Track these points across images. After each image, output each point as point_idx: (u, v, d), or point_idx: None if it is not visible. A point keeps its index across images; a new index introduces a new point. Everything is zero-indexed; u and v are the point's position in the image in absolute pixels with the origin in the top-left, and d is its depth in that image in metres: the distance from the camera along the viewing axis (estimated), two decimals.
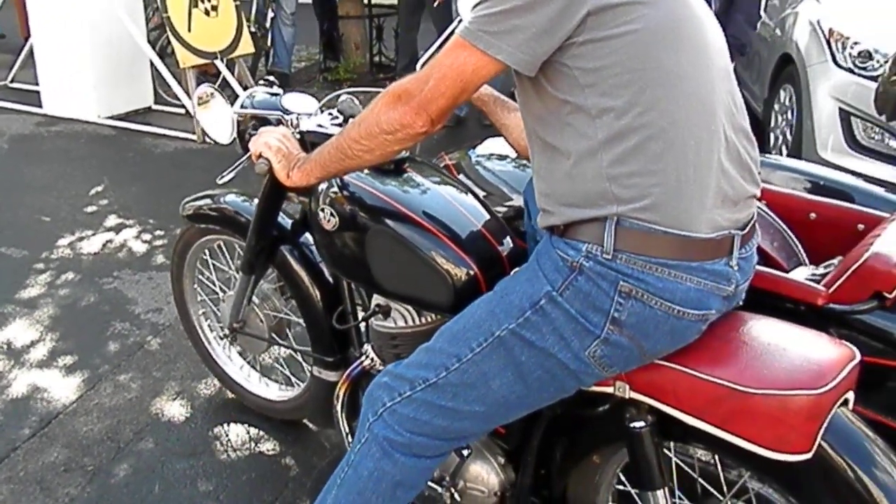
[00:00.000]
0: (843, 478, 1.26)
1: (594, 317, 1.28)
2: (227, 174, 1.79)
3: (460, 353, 1.40)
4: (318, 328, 2.14)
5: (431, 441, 1.47)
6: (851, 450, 1.26)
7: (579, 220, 1.29)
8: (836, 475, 1.26)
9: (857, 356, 1.28)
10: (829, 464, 1.26)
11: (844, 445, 1.26)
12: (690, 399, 1.30)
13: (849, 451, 1.26)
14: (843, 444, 1.26)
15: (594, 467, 1.59)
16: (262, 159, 1.65)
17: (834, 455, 1.26)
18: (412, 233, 1.67)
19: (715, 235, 1.28)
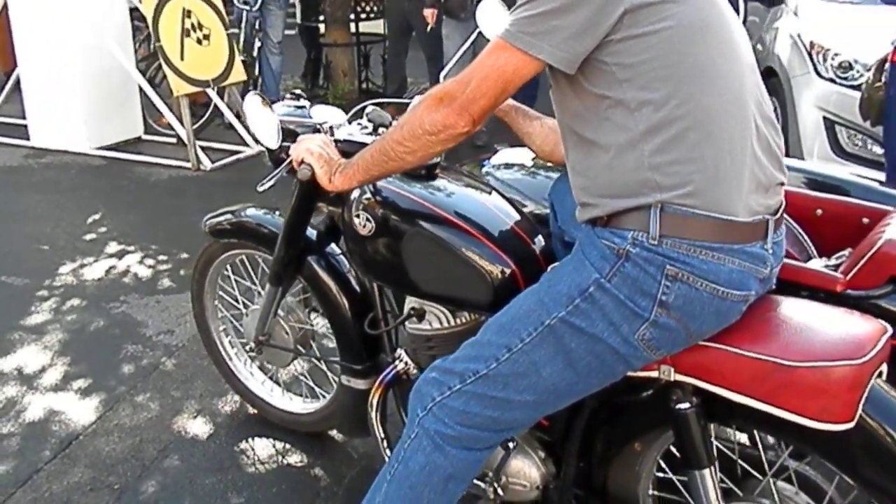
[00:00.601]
0: (885, 446, 1.32)
1: (642, 301, 1.34)
2: (267, 182, 1.83)
3: (510, 344, 1.46)
4: (347, 336, 2.18)
5: (482, 433, 1.52)
6: (891, 419, 1.33)
7: (623, 209, 1.36)
8: (878, 444, 1.32)
9: (889, 330, 1.35)
10: (870, 433, 1.32)
11: (884, 415, 1.33)
12: (736, 376, 1.36)
13: (889, 420, 1.32)
14: (883, 414, 1.33)
15: (636, 455, 1.64)
16: (304, 165, 1.70)
17: (874, 424, 1.32)
18: (449, 233, 1.73)
19: (752, 219, 1.35)
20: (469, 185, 1.89)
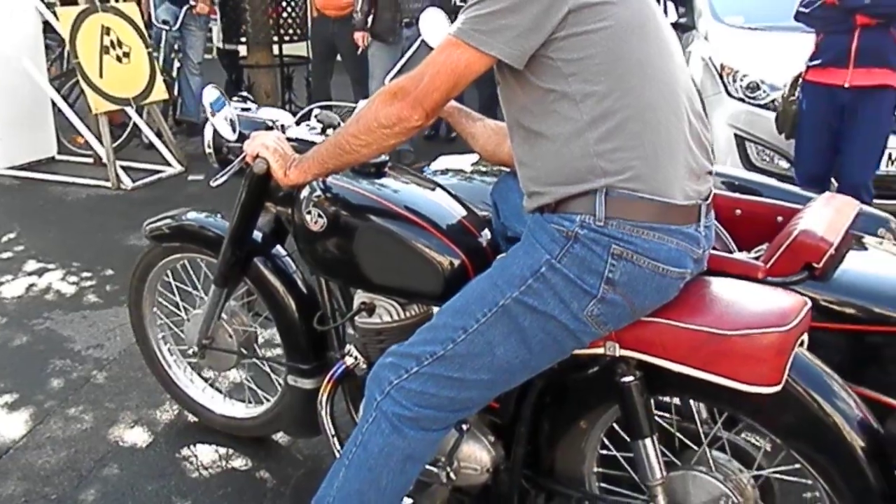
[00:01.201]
0: (808, 408, 1.45)
1: (590, 279, 1.45)
2: (220, 177, 1.86)
3: (466, 325, 1.53)
4: (294, 336, 2.21)
5: (438, 413, 1.58)
6: (814, 383, 1.46)
7: (571, 195, 1.46)
8: (802, 406, 1.46)
9: (808, 302, 1.49)
10: (796, 397, 1.46)
11: (808, 380, 1.46)
12: (675, 347, 1.48)
13: (812, 385, 1.46)
14: (807, 379, 1.46)
15: (581, 433, 1.74)
16: (259, 159, 1.74)
17: (800, 389, 1.46)
18: (399, 226, 1.80)
19: (687, 203, 1.47)
20: (416, 182, 1.97)
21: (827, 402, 1.45)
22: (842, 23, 3.34)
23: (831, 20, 3.38)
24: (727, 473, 1.62)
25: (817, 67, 3.47)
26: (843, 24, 3.34)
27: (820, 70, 3.45)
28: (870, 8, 3.27)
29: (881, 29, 3.30)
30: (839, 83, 3.37)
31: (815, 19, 3.46)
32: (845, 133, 3.44)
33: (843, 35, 3.34)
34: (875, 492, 1.42)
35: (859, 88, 3.35)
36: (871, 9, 3.27)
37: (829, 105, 3.41)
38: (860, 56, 3.32)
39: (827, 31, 3.43)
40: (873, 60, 3.31)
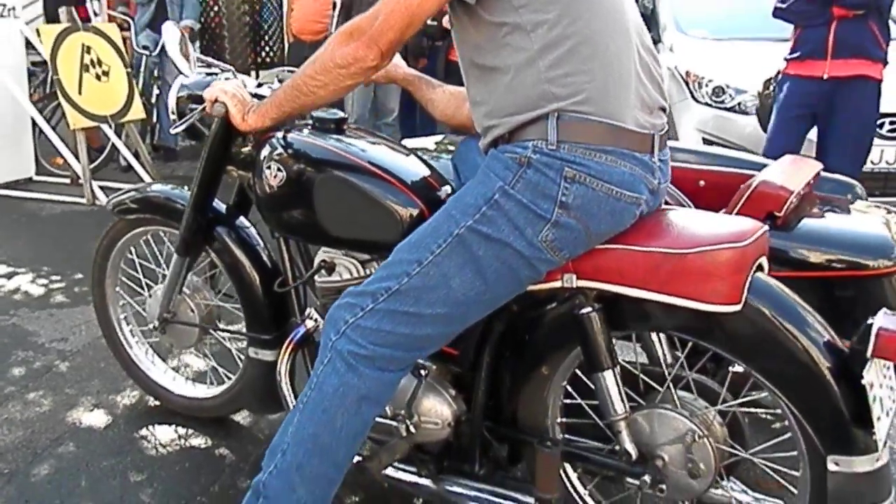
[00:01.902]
0: (770, 328, 1.43)
1: (544, 203, 1.43)
2: (180, 125, 1.85)
3: (421, 258, 1.51)
4: (256, 305, 2.17)
5: (395, 352, 1.54)
6: (776, 305, 1.44)
7: (523, 122, 1.45)
8: (766, 328, 1.43)
9: (765, 226, 1.48)
10: (759, 318, 1.43)
11: (769, 301, 1.44)
12: (632, 272, 1.45)
13: (774, 306, 1.43)
14: (769, 301, 1.44)
15: (543, 380, 1.70)
16: (217, 103, 1.73)
17: (762, 310, 1.43)
18: (359, 177, 1.78)
19: (639, 130, 1.47)
20: (376, 139, 1.96)
21: (790, 322, 1.43)
22: (819, 16, 3.38)
23: (809, 13, 3.42)
24: (693, 410, 1.58)
25: (795, 60, 3.50)
26: (821, 17, 3.38)
27: (798, 63, 3.48)
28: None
29: (859, 20, 3.34)
30: (818, 74, 3.40)
31: (793, 14, 3.50)
32: (829, 126, 3.45)
33: (821, 27, 3.38)
34: (844, 410, 1.39)
35: (838, 79, 3.37)
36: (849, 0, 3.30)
37: (807, 95, 3.44)
38: (838, 48, 3.35)
39: (805, 25, 3.47)
40: (851, 51, 3.35)
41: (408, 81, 2.11)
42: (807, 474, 1.48)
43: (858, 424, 1.39)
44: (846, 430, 1.40)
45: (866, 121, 3.41)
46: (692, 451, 1.55)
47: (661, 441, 1.58)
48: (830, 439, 1.41)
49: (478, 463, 1.77)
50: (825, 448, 1.42)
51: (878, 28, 3.38)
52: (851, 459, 1.40)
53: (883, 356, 1.36)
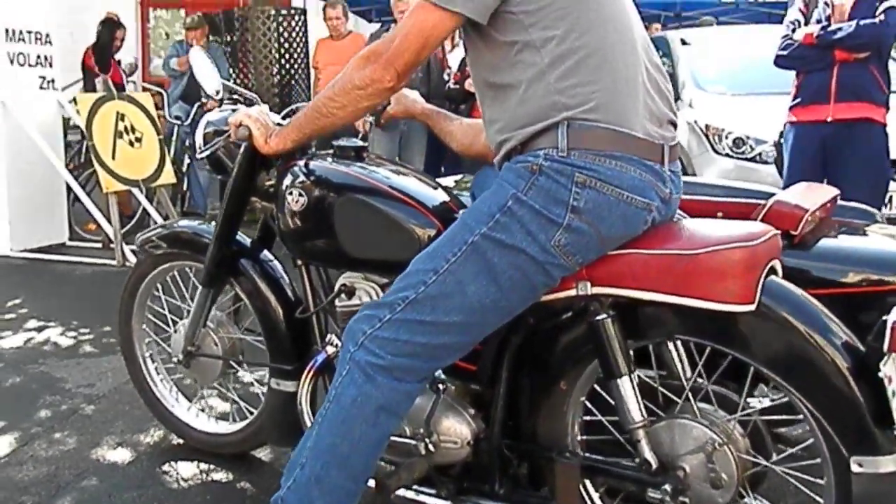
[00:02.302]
0: (789, 331, 1.43)
1: (556, 209, 1.47)
2: (206, 150, 1.92)
3: (437, 266, 1.54)
4: (278, 336, 2.20)
5: (413, 361, 1.56)
6: (791, 306, 1.45)
7: (535, 133, 1.50)
8: (782, 329, 1.44)
9: (777, 230, 1.50)
10: (775, 319, 1.44)
11: (785, 303, 1.45)
12: (645, 275, 1.48)
13: (789, 308, 1.44)
14: (784, 302, 1.45)
15: (561, 396, 1.69)
16: (241, 127, 1.80)
17: (777, 311, 1.44)
18: (382, 201, 1.83)
19: (648, 139, 1.51)
20: (396, 167, 2.02)
21: (806, 323, 1.43)
22: (821, 60, 3.45)
23: (811, 59, 3.49)
24: (712, 420, 1.57)
25: (799, 107, 3.56)
26: (822, 62, 3.44)
27: (802, 108, 3.54)
28: (848, 41, 3.36)
29: (860, 64, 3.40)
30: (822, 118, 3.44)
31: (795, 60, 3.57)
32: (840, 170, 3.45)
33: (823, 72, 3.44)
34: (865, 409, 1.38)
35: (843, 122, 3.41)
36: (850, 41, 3.36)
37: (813, 139, 3.47)
38: (840, 91, 3.40)
39: (807, 71, 3.53)
40: (854, 95, 3.40)
41: (426, 115, 2.18)
42: (831, 480, 1.45)
43: (880, 423, 1.38)
44: (868, 430, 1.38)
45: (877, 164, 3.41)
46: (713, 461, 1.53)
47: (682, 451, 1.56)
48: (852, 440, 1.40)
49: (497, 482, 1.75)
50: (847, 449, 1.40)
51: (878, 72, 3.44)
52: (875, 460, 1.38)
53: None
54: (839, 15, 3.46)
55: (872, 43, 3.39)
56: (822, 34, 3.44)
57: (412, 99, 2.16)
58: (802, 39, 3.50)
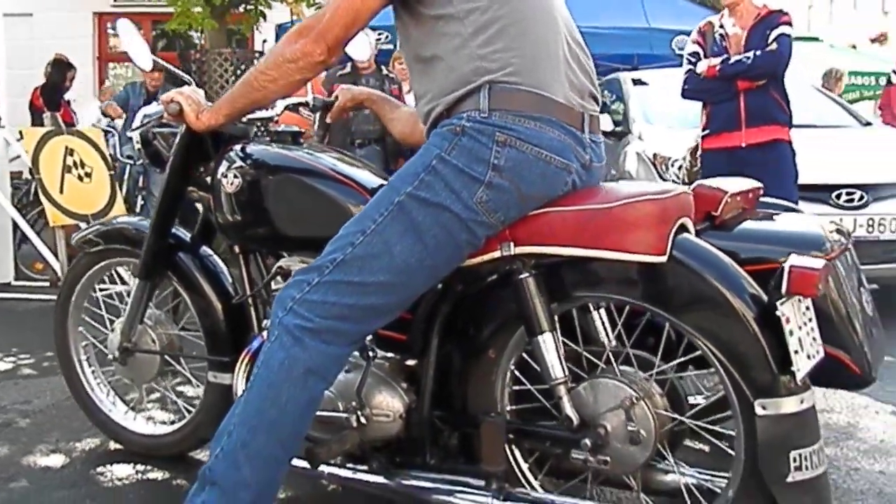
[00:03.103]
0: (700, 283, 1.50)
1: (478, 167, 1.53)
2: (137, 128, 1.95)
3: (364, 227, 1.59)
4: (215, 328, 2.20)
5: (341, 324, 1.59)
6: (702, 259, 1.52)
7: (459, 97, 1.58)
8: (693, 281, 1.51)
9: (687, 188, 1.58)
10: (686, 272, 1.51)
11: (695, 257, 1.52)
12: (563, 231, 1.54)
13: (700, 261, 1.52)
14: (695, 256, 1.52)
15: (490, 364, 1.73)
16: (172, 103, 1.84)
17: (689, 264, 1.51)
18: (317, 180, 1.89)
19: (568, 104, 1.59)
20: (333, 152, 2.08)
21: (715, 275, 1.50)
22: (726, 91, 3.65)
23: (716, 90, 3.69)
24: (631, 379, 1.61)
25: (711, 136, 3.74)
26: (728, 92, 3.65)
27: (715, 137, 3.71)
28: (748, 72, 3.58)
29: (762, 90, 3.61)
30: (737, 144, 3.62)
31: (701, 92, 3.77)
32: None
33: (730, 102, 3.64)
34: (768, 353, 1.45)
35: (755, 146, 3.59)
36: (750, 72, 3.58)
37: (730, 164, 3.59)
38: (749, 117, 3.60)
39: (714, 101, 3.73)
40: (761, 119, 3.59)
41: (372, 101, 2.24)
42: (740, 428, 1.51)
43: (782, 367, 1.45)
44: (770, 374, 1.45)
45: (787, 183, 3.54)
46: (632, 417, 1.57)
47: (602, 409, 1.60)
48: (756, 384, 1.46)
49: (429, 454, 1.77)
50: (752, 393, 1.46)
51: (778, 94, 3.65)
52: (777, 401, 1.45)
53: (797, 291, 1.43)
54: (735, 45, 3.68)
55: (770, 72, 3.60)
56: (722, 67, 3.65)
57: (357, 89, 2.24)
58: (706, 72, 3.70)
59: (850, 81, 12.18)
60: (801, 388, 1.46)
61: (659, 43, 8.07)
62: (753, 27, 3.68)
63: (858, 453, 2.46)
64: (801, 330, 1.47)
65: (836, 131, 4.76)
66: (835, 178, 4.03)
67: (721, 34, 3.76)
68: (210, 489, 1.62)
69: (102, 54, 11.03)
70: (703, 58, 3.76)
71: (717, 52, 3.73)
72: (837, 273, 1.93)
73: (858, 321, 1.90)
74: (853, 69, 12.40)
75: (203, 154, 2.07)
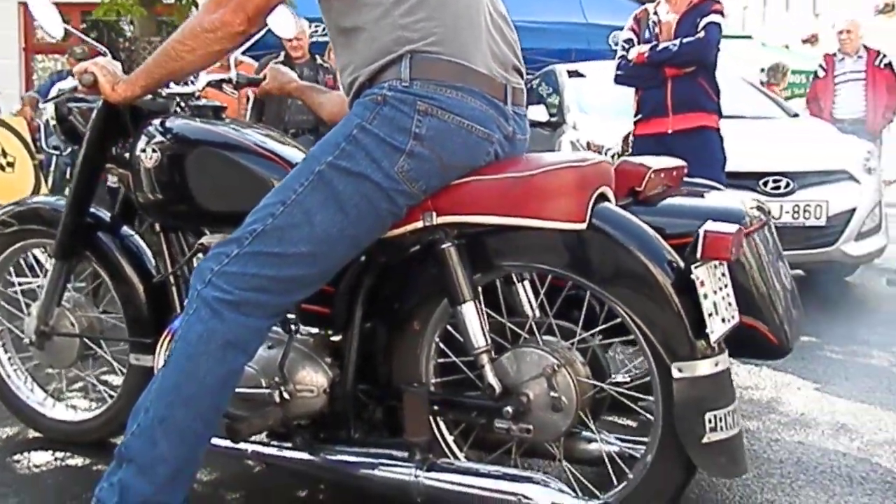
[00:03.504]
0: (618, 250, 1.53)
1: (399, 136, 1.52)
2: (50, 99, 1.89)
3: (285, 198, 1.56)
4: (136, 310, 2.15)
5: (260, 296, 1.56)
6: (620, 227, 1.55)
7: (381, 67, 1.57)
8: (612, 249, 1.53)
9: (606, 157, 1.60)
10: (605, 240, 1.53)
11: (614, 224, 1.54)
12: (485, 199, 1.54)
13: (618, 228, 1.54)
14: (613, 224, 1.55)
15: (415, 336, 1.72)
16: (87, 73, 1.79)
17: (608, 231, 1.53)
18: (237, 153, 1.86)
19: (490, 74, 1.59)
20: (257, 128, 2.04)
21: (633, 242, 1.53)
22: (654, 77, 3.73)
23: (645, 77, 3.78)
24: (553, 347, 1.63)
25: (642, 121, 3.82)
26: (656, 79, 3.73)
27: (645, 123, 3.80)
28: (674, 59, 3.66)
29: (689, 78, 3.69)
30: (664, 130, 3.70)
31: (632, 78, 3.86)
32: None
33: (658, 88, 3.72)
34: (684, 317, 1.48)
35: (682, 132, 3.67)
36: (676, 59, 3.66)
37: (657, 150, 3.68)
38: (676, 104, 3.68)
39: (644, 87, 3.82)
40: (688, 107, 3.67)
41: (300, 91, 2.21)
42: (658, 392, 1.53)
43: (697, 331, 1.48)
44: (686, 337, 1.48)
45: (715, 168, 3.62)
46: (553, 385, 1.58)
47: (525, 378, 1.61)
48: (673, 347, 1.49)
49: (353, 428, 1.76)
50: (669, 357, 1.49)
51: (707, 82, 3.73)
52: (693, 364, 1.47)
53: (711, 256, 1.46)
54: (666, 33, 3.76)
55: (696, 59, 3.68)
56: (650, 54, 3.73)
57: (288, 77, 2.20)
58: (636, 59, 3.78)
59: None
60: (715, 351, 1.49)
61: (596, 38, 8.18)
62: (685, 15, 3.75)
63: (779, 426, 2.52)
64: (716, 294, 1.50)
65: (765, 122, 4.88)
66: (762, 165, 4.13)
67: (654, 21, 3.83)
68: (127, 466, 1.57)
69: (29, 45, 10.66)
70: (636, 44, 3.83)
71: (650, 39, 3.80)
72: (756, 247, 1.99)
73: (777, 294, 1.96)
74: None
75: (122, 130, 2.01)
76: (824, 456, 2.28)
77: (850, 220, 4.23)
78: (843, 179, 4.27)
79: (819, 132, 4.98)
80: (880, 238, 4.50)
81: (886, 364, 3.30)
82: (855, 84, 5.74)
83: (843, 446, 2.37)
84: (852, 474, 2.16)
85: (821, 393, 2.88)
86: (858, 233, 4.29)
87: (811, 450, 2.33)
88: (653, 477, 1.57)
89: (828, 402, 2.77)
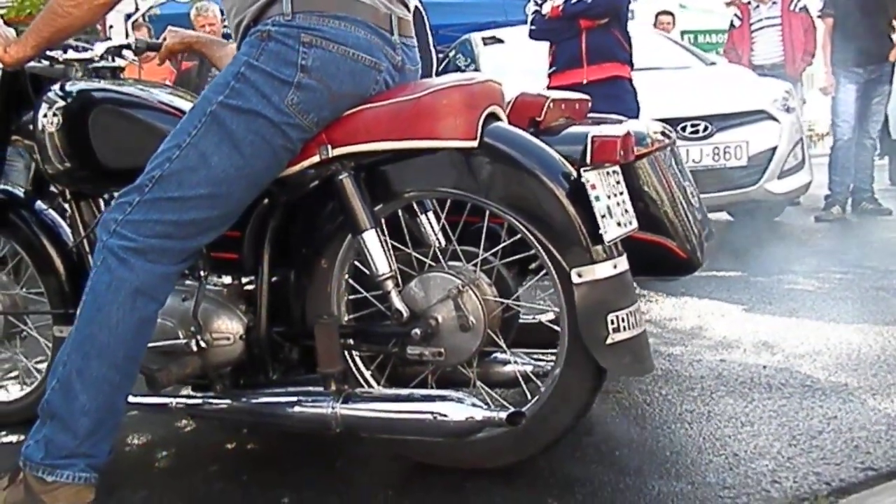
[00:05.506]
0: (512, 164, 1.56)
1: (286, 69, 1.54)
2: None
3: (180, 142, 1.57)
4: (56, 282, 2.13)
5: (165, 242, 1.57)
6: (512, 142, 1.58)
7: (264, 5, 1.58)
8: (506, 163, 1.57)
9: (495, 78, 1.64)
10: (497, 156, 1.57)
11: (506, 140, 1.58)
12: (377, 126, 1.57)
13: (510, 144, 1.58)
14: (505, 140, 1.58)
15: (324, 273, 1.74)
16: None
17: (500, 147, 1.57)
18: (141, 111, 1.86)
19: (374, 4, 1.61)
20: (157, 86, 2.04)
21: (526, 155, 1.57)
22: (569, 30, 3.82)
23: (559, 30, 3.87)
24: (458, 270, 1.66)
25: (556, 73, 3.90)
26: (570, 31, 3.82)
27: (559, 75, 3.88)
28: (589, 11, 3.75)
29: (603, 29, 3.79)
30: (578, 81, 3.77)
31: (547, 32, 3.94)
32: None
33: (573, 40, 3.81)
34: (579, 223, 1.53)
35: (596, 83, 3.74)
36: (590, 11, 3.75)
37: None
38: (590, 55, 3.77)
39: (559, 41, 3.90)
40: (602, 57, 3.77)
41: (201, 44, 2.20)
42: (561, 301, 1.58)
43: (593, 236, 1.52)
44: (582, 241, 1.52)
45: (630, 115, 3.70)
46: (460, 305, 1.61)
47: (432, 301, 1.64)
48: (570, 253, 1.53)
49: (272, 370, 1.78)
50: (568, 263, 1.53)
51: (620, 34, 3.84)
52: (592, 268, 1.52)
53: (600, 159, 1.51)
54: None
55: (609, 10, 3.78)
56: (565, 7, 3.81)
57: (185, 32, 2.20)
58: (550, 13, 3.87)
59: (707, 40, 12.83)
60: (613, 254, 1.54)
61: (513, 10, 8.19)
62: None
63: (702, 348, 2.61)
64: (610, 199, 1.54)
65: (681, 71, 4.96)
66: (679, 111, 4.20)
67: None
68: (50, 423, 1.58)
69: None
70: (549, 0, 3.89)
71: None
72: (659, 165, 2.05)
73: (682, 210, 2.03)
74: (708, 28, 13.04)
75: (25, 100, 2.00)
76: (745, 370, 2.37)
77: (772, 158, 4.35)
78: (762, 119, 4.38)
79: (736, 76, 5.10)
80: (804, 175, 4.63)
81: (811, 288, 3.42)
82: (771, 30, 5.86)
83: (764, 360, 2.45)
84: (772, 382, 2.25)
85: (745, 316, 2.99)
86: (781, 171, 4.41)
87: (732, 366, 2.41)
88: (563, 387, 1.62)
89: (751, 324, 2.87)
